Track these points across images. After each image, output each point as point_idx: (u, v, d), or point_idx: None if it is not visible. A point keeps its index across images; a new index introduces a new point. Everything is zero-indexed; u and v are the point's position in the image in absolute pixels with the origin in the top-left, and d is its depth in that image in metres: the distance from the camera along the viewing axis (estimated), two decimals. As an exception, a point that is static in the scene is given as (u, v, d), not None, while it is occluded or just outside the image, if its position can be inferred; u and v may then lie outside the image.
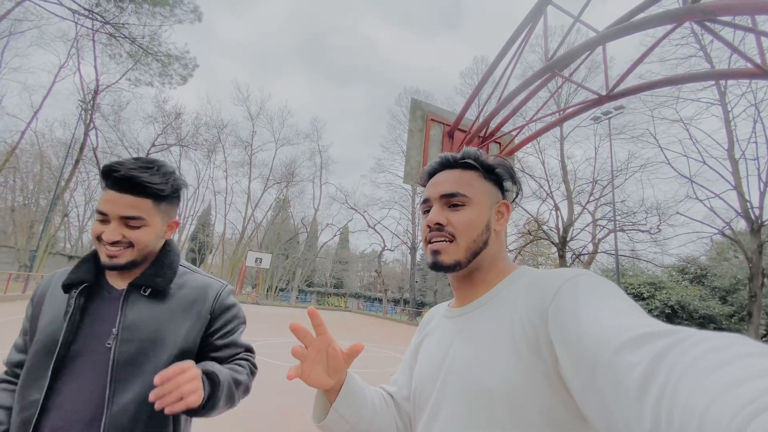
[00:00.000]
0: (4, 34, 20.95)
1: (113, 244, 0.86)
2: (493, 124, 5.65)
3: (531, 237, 25.38)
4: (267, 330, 13.28)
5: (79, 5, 15.56)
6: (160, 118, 32.56)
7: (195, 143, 34.91)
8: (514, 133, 5.72)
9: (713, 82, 14.49)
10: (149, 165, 0.91)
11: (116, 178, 0.86)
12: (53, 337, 0.84)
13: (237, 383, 0.96)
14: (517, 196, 0.76)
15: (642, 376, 0.34)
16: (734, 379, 0.28)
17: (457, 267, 0.66)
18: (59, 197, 23.91)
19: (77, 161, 24.50)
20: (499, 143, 5.65)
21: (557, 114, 5.45)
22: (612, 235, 18.93)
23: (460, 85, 31.38)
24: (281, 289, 42.69)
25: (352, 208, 36.25)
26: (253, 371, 1.07)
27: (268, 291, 40.13)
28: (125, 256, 0.88)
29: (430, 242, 0.69)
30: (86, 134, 25.08)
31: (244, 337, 1.11)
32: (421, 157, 5.58)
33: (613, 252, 17.21)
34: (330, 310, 35.29)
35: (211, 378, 0.86)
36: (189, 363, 0.80)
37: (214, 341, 1.00)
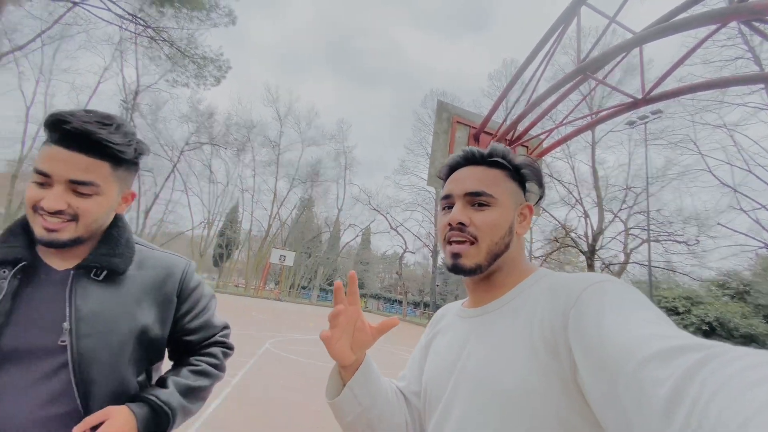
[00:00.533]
0: (55, 37, 22.42)
1: (54, 214, 0.69)
2: (520, 127, 5.54)
3: (558, 244, 24.62)
4: (287, 326, 13.52)
5: (124, 10, 16.48)
6: (194, 118, 34.09)
7: (226, 142, 36.27)
8: (542, 136, 5.59)
9: (762, 86, 13.60)
10: (107, 121, 0.74)
11: (67, 131, 0.69)
12: None
13: (198, 391, 0.88)
14: (540, 199, 0.73)
15: (671, 391, 0.33)
16: None
17: (478, 271, 0.64)
18: (100, 191, 25.24)
19: (117, 157, 25.79)
20: (527, 147, 5.53)
21: (589, 117, 5.28)
22: (645, 245, 18.07)
23: (488, 87, 30.90)
24: (303, 287, 43.38)
25: (374, 209, 36.47)
26: (227, 353, 1.01)
27: (290, 288, 40.89)
28: (68, 231, 0.71)
29: (449, 242, 0.66)
30: (126, 132, 26.34)
31: (218, 314, 1.02)
32: (446, 159, 5.58)
33: (645, 263, 16.42)
34: (350, 309, 35.40)
35: (158, 414, 0.76)
36: (114, 412, 0.71)
37: (186, 325, 0.91)
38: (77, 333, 0.70)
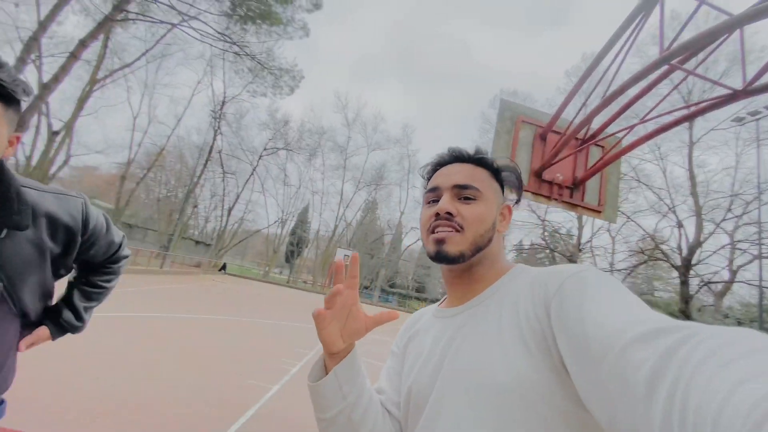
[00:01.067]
0: (157, 56, 25.92)
1: None
2: (596, 125, 5.09)
3: (645, 257, 21.98)
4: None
5: (215, 30, 18.53)
6: (271, 125, 37.03)
7: (299, 147, 38.79)
8: (620, 134, 5.07)
9: None
10: None
11: None
12: None
13: (95, 306, 1.14)
14: (517, 202, 0.76)
15: (651, 373, 0.33)
16: (748, 374, 0.27)
17: (460, 259, 0.64)
18: (192, 191, 28.69)
19: (206, 162, 29.15)
20: (602, 146, 5.06)
21: (678, 113, 4.67)
22: (756, 261, 15.35)
23: (564, 84, 28.75)
24: (365, 287, 44.36)
25: (437, 212, 35.97)
26: (122, 263, 1.19)
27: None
28: None
29: (433, 231, 0.66)
30: (214, 139, 29.79)
31: (113, 230, 1.12)
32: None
33: (756, 282, 13.95)
34: (411, 313, 35.46)
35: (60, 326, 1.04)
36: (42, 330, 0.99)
37: (91, 255, 1.03)
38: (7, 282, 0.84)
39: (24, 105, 0.82)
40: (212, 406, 3.67)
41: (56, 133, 19.10)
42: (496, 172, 0.72)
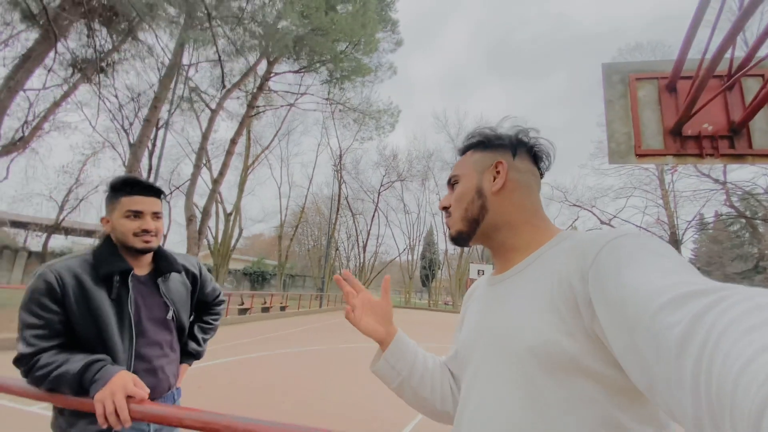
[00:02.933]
0: (284, 133, 31.18)
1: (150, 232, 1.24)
2: (741, 52, 4.00)
3: None
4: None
5: (322, 98, 21.52)
6: (383, 162, 39.89)
7: (411, 175, 40.47)
8: (790, 51, 3.85)
9: None
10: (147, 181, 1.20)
11: (142, 185, 1.24)
12: None
13: (204, 333, 1.55)
14: (529, 149, 0.73)
15: (681, 335, 0.34)
16: None
17: (462, 236, 0.72)
18: (332, 237, 32.62)
19: (338, 209, 32.99)
20: (762, 75, 3.92)
21: None
22: None
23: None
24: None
25: (575, 205, 31.97)
26: (223, 307, 1.67)
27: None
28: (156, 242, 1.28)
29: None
30: (339, 188, 33.68)
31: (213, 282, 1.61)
32: (629, 128, 4.53)
33: None
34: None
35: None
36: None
37: (206, 294, 1.53)
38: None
39: (163, 199, 1.33)
40: (373, 421, 4.04)
41: (229, 214, 24.61)
42: (481, 143, 0.74)
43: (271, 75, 20.07)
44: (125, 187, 1.20)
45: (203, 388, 4.63)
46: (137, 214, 1.19)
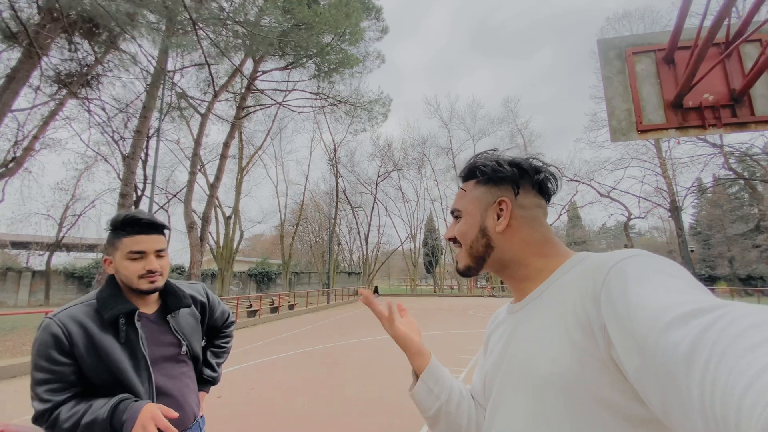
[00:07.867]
0: (276, 131, 30.98)
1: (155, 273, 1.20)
2: (736, 19, 3.93)
3: None
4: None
5: (311, 93, 21.23)
6: (377, 153, 39.68)
7: (406, 164, 40.30)
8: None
9: None
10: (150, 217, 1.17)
11: (143, 222, 1.18)
12: None
13: (217, 357, 1.57)
14: (537, 186, 0.70)
15: (686, 353, 0.34)
16: None
17: (471, 270, 0.72)
18: (333, 232, 32.62)
19: (336, 203, 32.90)
20: (759, 40, 3.86)
21: None
22: None
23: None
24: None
25: (573, 180, 31.96)
26: (232, 327, 1.65)
27: (502, 283, 40.32)
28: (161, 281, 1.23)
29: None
30: (336, 182, 33.52)
31: (222, 304, 1.57)
32: (629, 104, 4.49)
33: None
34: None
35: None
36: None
37: (215, 319, 1.52)
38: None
39: (167, 234, 1.31)
40: (394, 416, 4.09)
41: (229, 217, 24.55)
42: (484, 174, 0.71)
43: (258, 74, 19.79)
44: (126, 227, 1.16)
45: (224, 398, 4.69)
46: (140, 254, 1.16)
